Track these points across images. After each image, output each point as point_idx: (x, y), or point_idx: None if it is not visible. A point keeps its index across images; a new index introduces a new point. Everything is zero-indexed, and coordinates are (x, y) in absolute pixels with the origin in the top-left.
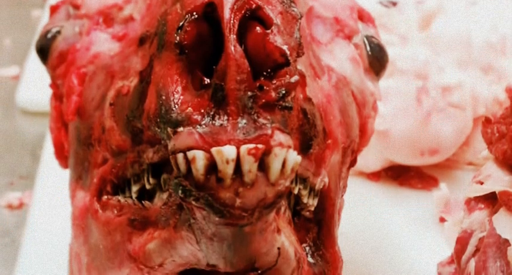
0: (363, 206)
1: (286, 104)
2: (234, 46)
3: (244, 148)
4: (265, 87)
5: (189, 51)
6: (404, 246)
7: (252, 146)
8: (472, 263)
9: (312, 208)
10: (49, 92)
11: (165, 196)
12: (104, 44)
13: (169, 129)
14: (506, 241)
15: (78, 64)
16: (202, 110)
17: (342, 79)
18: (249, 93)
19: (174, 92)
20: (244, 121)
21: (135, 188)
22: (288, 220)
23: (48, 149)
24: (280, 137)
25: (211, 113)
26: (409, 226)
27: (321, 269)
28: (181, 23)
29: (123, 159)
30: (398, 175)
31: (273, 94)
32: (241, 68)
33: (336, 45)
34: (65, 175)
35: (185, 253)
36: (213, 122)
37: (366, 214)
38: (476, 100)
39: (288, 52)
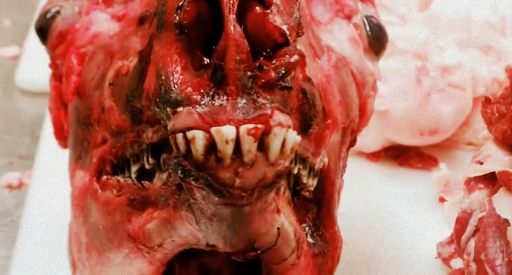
0: (362, 186)
1: (286, 84)
2: (234, 26)
3: (243, 128)
4: (264, 67)
5: (188, 31)
6: (404, 226)
7: (251, 126)
8: (472, 243)
9: (312, 188)
10: (48, 72)
11: (164, 176)
12: (103, 24)
13: (168, 109)
14: (506, 221)
15: (78, 44)
16: (202, 90)
17: (342, 59)
18: (249, 73)
19: (174, 72)
20: (244, 101)
21: (134, 168)
22: (287, 200)
23: (48, 129)
24: (279, 117)
25: (211, 93)
26: (409, 206)
27: (320, 249)
28: (180, 3)
29: (123, 139)
30: (398, 154)
31: (273, 74)
32: (240, 48)
33: (335, 25)
34: (65, 155)
35: (185, 233)
36: (213, 102)
37: (365, 194)
38: (475, 80)
39: (287, 32)
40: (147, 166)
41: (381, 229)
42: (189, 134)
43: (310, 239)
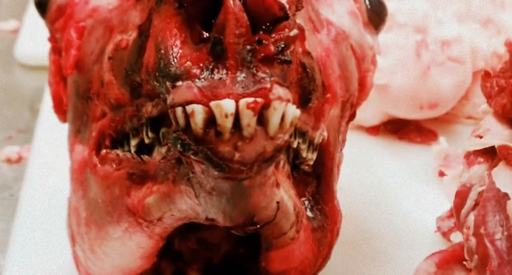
0: (362, 160)
1: (285, 58)
2: (233, 0)
3: (243, 102)
4: (264, 41)
5: (188, 5)
6: (403, 200)
7: (251, 99)
8: (472, 217)
9: (311, 162)
10: (48, 46)
11: (163, 150)
12: None
13: (168, 83)
14: (506, 194)
15: (77, 18)
16: (201, 64)
17: (341, 33)
18: (248, 47)
19: (173, 46)
20: (243, 75)
21: (133, 142)
22: (287, 174)
23: (47, 103)
24: (279, 90)
25: (210, 67)
26: (408, 180)
27: (320, 224)
28: None
29: (122, 113)
30: (398, 128)
31: (272, 48)
32: (240, 22)
33: None
34: (64, 128)
35: (184, 207)
36: (212, 76)
37: (365, 168)
38: (475, 54)
39: (287, 6)
40: (146, 140)
41: (380, 203)
42: (189, 108)
43: (309, 213)
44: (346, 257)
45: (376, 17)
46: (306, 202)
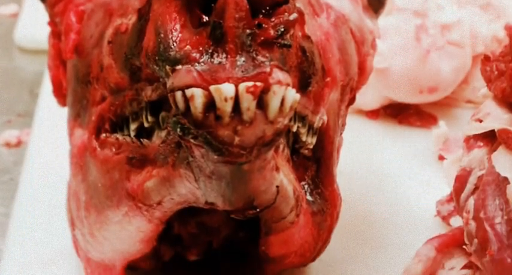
0: (361, 145)
1: (285, 42)
2: None
3: (242, 86)
4: (263, 25)
5: None
6: (403, 184)
7: (250, 83)
8: (471, 201)
9: (311, 146)
10: (47, 30)
11: (163, 134)
12: None
13: (167, 67)
14: (506, 179)
15: (77, 2)
16: (201, 48)
17: (341, 17)
18: (248, 31)
19: (173, 30)
20: (243, 59)
21: (133, 126)
22: (286, 158)
23: (47, 87)
24: (278, 74)
25: (210, 51)
26: (408, 164)
27: (319, 208)
28: None
29: (122, 97)
30: (397, 112)
31: (272, 32)
32: (239, 5)
33: None
34: (63, 112)
35: (183, 191)
36: (212, 60)
37: (364, 152)
38: (475, 38)
39: None
40: (146, 124)
41: (380, 187)
42: (188, 92)
43: (309, 197)
44: (346, 241)
45: (375, 0)
46: (306, 186)
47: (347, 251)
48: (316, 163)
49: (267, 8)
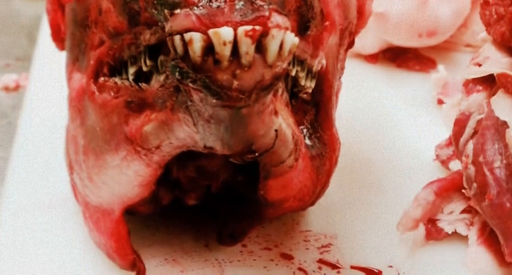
0: (360, 88)
1: None
2: None
3: (241, 30)
4: None
5: None
6: (402, 128)
7: (249, 27)
8: (470, 146)
9: (310, 90)
10: None
11: (162, 77)
12: None
13: (166, 10)
14: (505, 123)
15: None
16: None
17: None
18: None
19: None
20: (242, 3)
21: (132, 70)
22: (285, 102)
23: (45, 31)
24: (277, 18)
25: None
26: (407, 108)
27: (318, 151)
28: None
29: (120, 41)
30: (396, 56)
31: None
32: None
33: None
34: (62, 57)
35: (182, 135)
36: (210, 3)
37: (363, 96)
38: None
39: None
40: (144, 68)
41: (379, 131)
42: (187, 36)
43: (308, 141)
44: (345, 185)
45: None
46: (305, 130)
47: (346, 195)
48: (315, 107)
49: None
